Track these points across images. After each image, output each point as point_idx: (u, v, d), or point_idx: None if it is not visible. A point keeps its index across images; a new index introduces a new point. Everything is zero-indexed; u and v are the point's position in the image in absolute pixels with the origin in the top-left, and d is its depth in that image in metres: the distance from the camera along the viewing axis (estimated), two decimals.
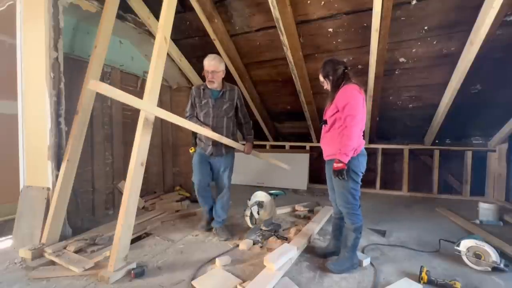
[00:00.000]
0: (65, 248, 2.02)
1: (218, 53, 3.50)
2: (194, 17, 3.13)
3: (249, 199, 2.62)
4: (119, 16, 2.73)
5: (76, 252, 2.00)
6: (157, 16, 2.80)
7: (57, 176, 2.19)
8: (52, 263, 1.90)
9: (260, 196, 2.60)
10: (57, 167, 2.22)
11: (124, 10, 2.94)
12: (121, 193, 2.56)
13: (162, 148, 3.90)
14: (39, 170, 2.25)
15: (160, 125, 3.82)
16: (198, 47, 3.66)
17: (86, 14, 2.59)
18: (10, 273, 1.79)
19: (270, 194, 2.61)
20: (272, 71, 3.72)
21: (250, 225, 2.50)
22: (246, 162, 4.95)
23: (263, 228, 2.44)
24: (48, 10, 2.13)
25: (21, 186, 2.32)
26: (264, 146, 5.12)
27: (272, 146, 5.07)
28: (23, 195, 2.27)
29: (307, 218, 2.85)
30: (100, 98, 2.79)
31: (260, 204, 2.53)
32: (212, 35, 3.25)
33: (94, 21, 2.54)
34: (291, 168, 3.07)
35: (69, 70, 2.34)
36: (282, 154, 4.82)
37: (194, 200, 3.61)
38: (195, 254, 2.07)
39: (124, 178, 1.83)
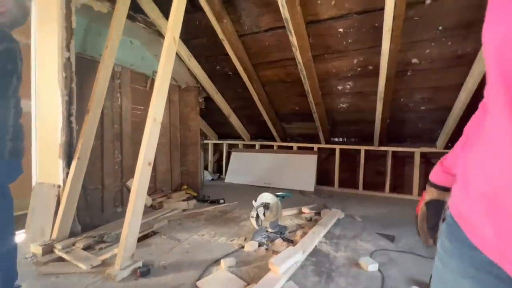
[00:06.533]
0: (74, 244, 2.06)
1: (226, 54, 3.53)
2: (203, 17, 3.14)
3: (255, 200, 2.61)
4: (129, 17, 2.76)
5: (85, 249, 2.03)
6: (167, 17, 2.82)
7: (67, 174, 2.24)
8: (62, 259, 1.94)
9: (266, 197, 2.58)
10: (68, 165, 2.26)
11: (135, 10, 2.98)
12: (129, 191, 2.59)
13: (170, 147, 3.93)
14: (51, 168, 2.30)
15: (168, 124, 3.85)
16: (207, 47, 3.67)
17: (98, 14, 2.63)
18: (21, 267, 1.82)
19: (277, 196, 2.59)
20: (281, 72, 3.69)
21: (256, 227, 2.49)
22: (252, 162, 4.99)
23: (269, 230, 2.42)
24: (61, 11, 2.18)
25: (33, 183, 2.38)
26: (272, 146, 5.10)
27: (280, 147, 5.05)
28: (35, 191, 2.33)
29: (313, 221, 2.82)
30: (111, 97, 2.84)
31: (266, 206, 2.52)
32: (221, 35, 3.26)
33: (105, 22, 2.57)
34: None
35: (80, 70, 2.38)
36: (289, 155, 4.80)
37: (201, 200, 3.64)
38: (200, 254, 2.07)
39: (133, 176, 1.85)
